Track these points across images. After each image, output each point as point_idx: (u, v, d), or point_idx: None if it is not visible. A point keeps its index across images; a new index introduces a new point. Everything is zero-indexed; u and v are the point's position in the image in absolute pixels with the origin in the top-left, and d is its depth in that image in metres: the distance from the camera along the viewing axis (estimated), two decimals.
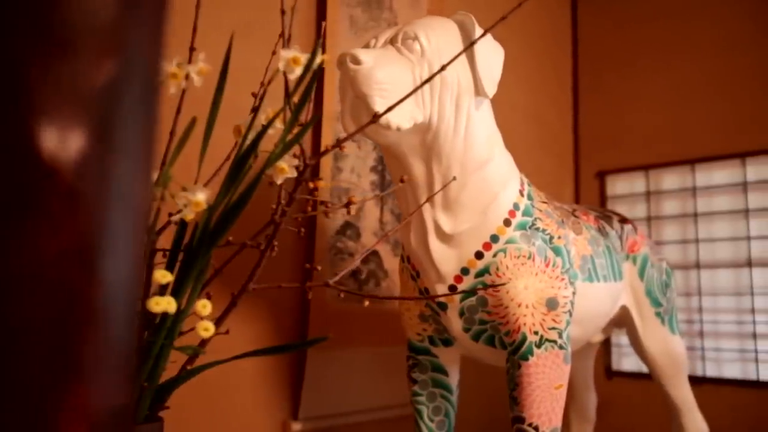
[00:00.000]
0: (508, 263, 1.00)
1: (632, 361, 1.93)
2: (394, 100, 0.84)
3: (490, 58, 1.01)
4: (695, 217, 1.95)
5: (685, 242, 1.97)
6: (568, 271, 1.05)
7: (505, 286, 0.99)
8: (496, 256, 1.00)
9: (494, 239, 1.01)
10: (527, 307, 1.00)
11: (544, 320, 1.01)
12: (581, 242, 1.15)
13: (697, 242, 1.94)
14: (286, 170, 0.63)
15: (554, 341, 1.01)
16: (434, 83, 0.96)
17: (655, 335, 1.35)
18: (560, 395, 1.02)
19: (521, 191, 1.05)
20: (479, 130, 1.00)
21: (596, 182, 2.20)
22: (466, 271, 1.01)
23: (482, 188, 1.01)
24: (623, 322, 1.37)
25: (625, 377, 2.02)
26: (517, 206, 1.03)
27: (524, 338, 1.00)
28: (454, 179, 0.97)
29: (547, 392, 1.00)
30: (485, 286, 1.00)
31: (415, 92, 0.74)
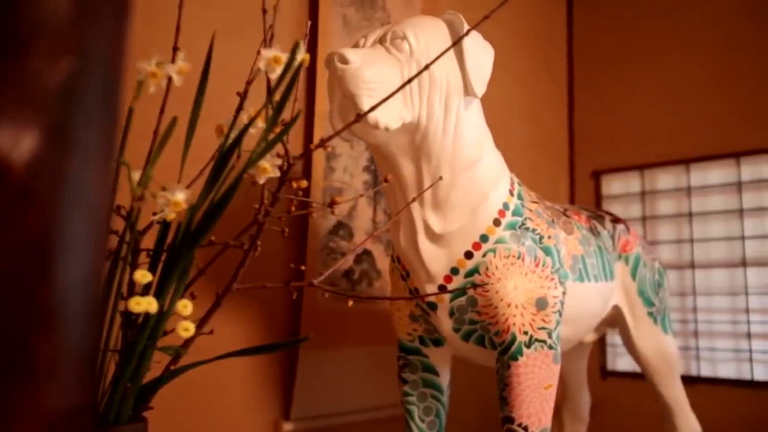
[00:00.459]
0: (497, 263, 1.00)
1: (627, 361, 1.93)
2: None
3: (479, 57, 1.00)
4: (690, 216, 1.95)
5: (679, 242, 1.97)
6: (558, 271, 1.05)
7: (494, 286, 0.99)
8: (485, 256, 1.00)
9: (484, 239, 1.01)
10: (517, 307, 0.99)
11: (533, 320, 1.00)
12: (572, 242, 1.15)
13: (691, 242, 1.94)
14: (268, 170, 0.62)
15: (544, 341, 1.01)
16: (423, 83, 0.95)
17: (647, 335, 1.35)
18: (550, 395, 1.02)
19: (511, 191, 1.05)
20: (469, 129, 1.00)
21: (591, 182, 2.19)
22: (455, 271, 1.01)
23: (472, 188, 1.00)
24: (616, 321, 1.37)
25: (620, 377, 2.02)
26: (506, 206, 1.03)
27: (514, 338, 1.00)
28: (440, 179, 0.97)
29: (536, 392, 1.00)
30: (475, 285, 1.00)
31: (399, 90, 0.73)
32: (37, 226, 0.24)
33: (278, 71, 0.59)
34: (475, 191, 1.01)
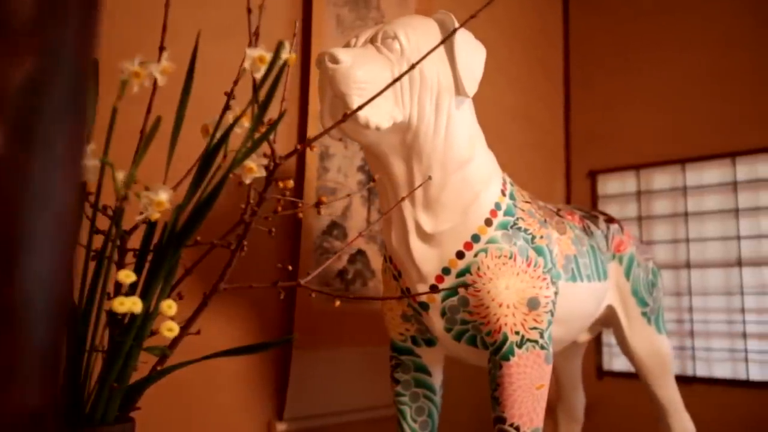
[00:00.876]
0: (489, 263, 1.00)
1: (623, 361, 1.92)
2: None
3: (470, 57, 1.00)
4: (686, 216, 1.95)
5: (675, 242, 1.97)
6: (550, 270, 1.05)
7: (486, 286, 0.99)
8: (477, 255, 1.00)
9: (475, 239, 1.01)
10: (508, 307, 0.99)
11: (525, 320, 1.00)
12: (565, 242, 1.14)
13: (687, 242, 1.94)
14: (254, 170, 0.62)
15: (535, 341, 1.01)
16: (414, 82, 0.95)
17: (641, 335, 1.35)
18: (541, 395, 1.02)
19: (503, 191, 1.05)
20: (460, 129, 1.00)
21: (587, 182, 2.19)
22: (447, 270, 1.01)
23: (463, 188, 1.00)
24: (610, 321, 1.37)
25: (616, 377, 2.02)
26: (498, 206, 1.03)
27: (505, 338, 1.00)
28: (429, 179, 0.97)
29: (528, 392, 1.00)
30: (466, 285, 0.99)
31: (388, 89, 0.73)
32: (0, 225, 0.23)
33: (263, 70, 0.59)
34: (466, 191, 1.00)
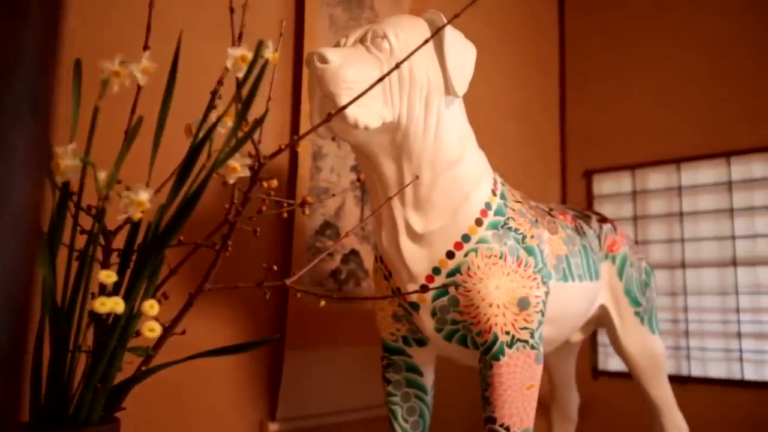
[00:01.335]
0: (479, 263, 0.99)
1: (618, 361, 1.92)
2: (362, 99, 0.84)
3: (460, 56, 1.00)
4: (681, 216, 1.95)
5: (670, 241, 1.97)
6: (540, 270, 1.04)
7: (476, 286, 0.99)
8: (467, 255, 1.00)
9: (465, 239, 1.00)
10: (498, 307, 0.99)
11: (515, 320, 1.00)
12: (556, 242, 1.14)
13: (682, 241, 1.94)
14: (237, 169, 0.62)
15: (526, 341, 1.01)
16: (403, 82, 0.95)
17: (634, 335, 1.34)
18: (532, 395, 1.02)
19: (494, 190, 1.05)
20: (450, 129, 1.00)
21: (583, 181, 2.19)
22: (437, 270, 1.01)
23: (453, 188, 1.00)
24: (603, 321, 1.37)
25: (611, 377, 2.01)
26: (489, 206, 1.03)
27: (496, 338, 1.00)
28: (416, 178, 0.97)
29: (518, 392, 1.00)
30: (456, 285, 0.99)
31: (375, 87, 0.73)
32: None
33: (245, 69, 0.59)
34: (456, 191, 1.00)
